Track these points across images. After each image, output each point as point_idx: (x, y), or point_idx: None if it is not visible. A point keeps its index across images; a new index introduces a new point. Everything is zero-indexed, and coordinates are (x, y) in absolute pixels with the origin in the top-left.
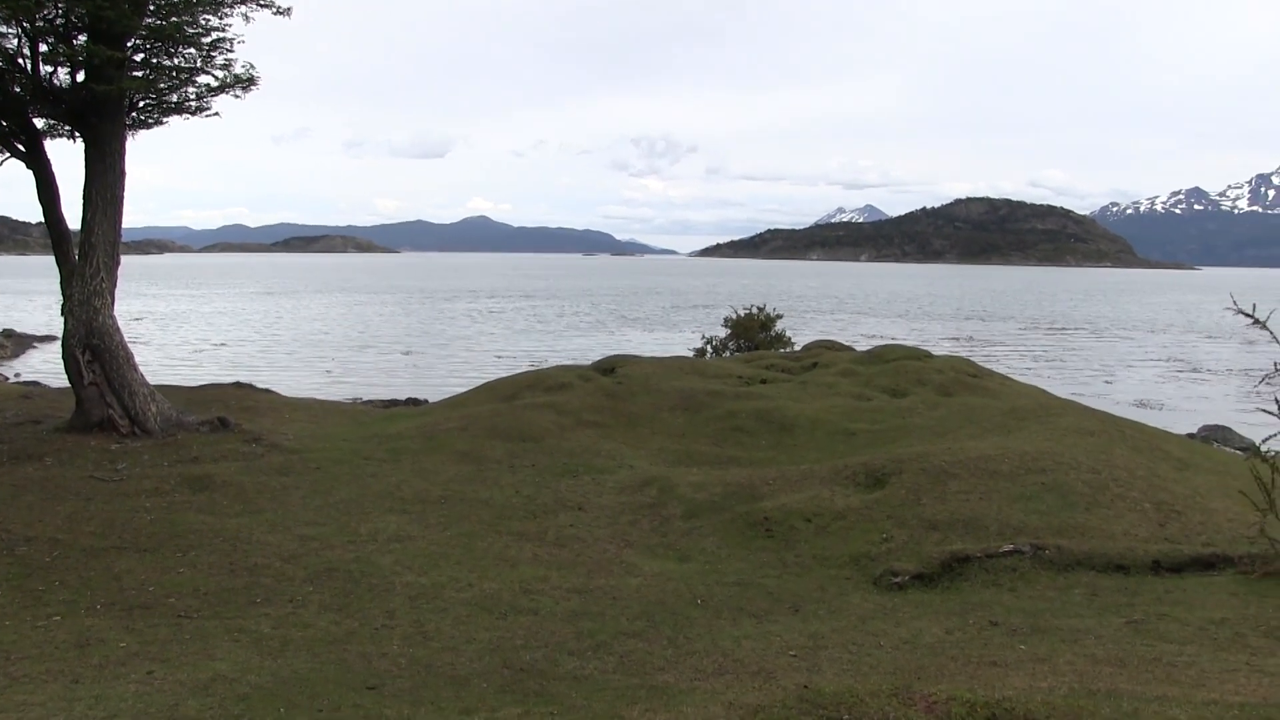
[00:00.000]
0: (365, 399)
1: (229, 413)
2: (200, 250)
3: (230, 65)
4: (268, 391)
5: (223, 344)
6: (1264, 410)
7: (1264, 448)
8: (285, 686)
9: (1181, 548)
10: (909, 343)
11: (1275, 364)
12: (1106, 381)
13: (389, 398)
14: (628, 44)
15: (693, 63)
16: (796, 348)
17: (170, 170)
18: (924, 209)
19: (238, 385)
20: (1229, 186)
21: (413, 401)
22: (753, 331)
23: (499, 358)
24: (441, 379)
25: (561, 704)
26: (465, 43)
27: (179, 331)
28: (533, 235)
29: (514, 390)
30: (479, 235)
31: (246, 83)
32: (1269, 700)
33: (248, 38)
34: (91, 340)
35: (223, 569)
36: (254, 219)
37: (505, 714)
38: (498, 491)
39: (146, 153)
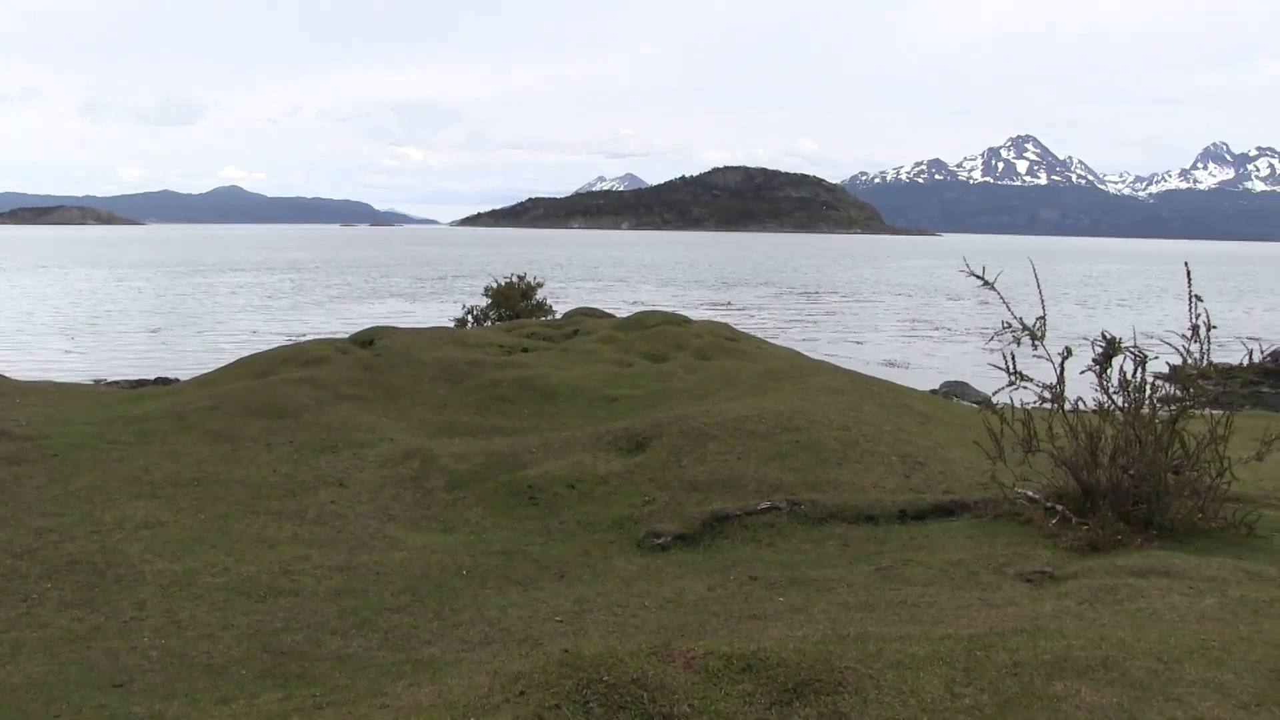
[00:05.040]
0: (109, 380)
1: None
2: None
3: None
4: None
5: None
6: (994, 366)
7: (995, 400)
8: (16, 694)
9: (925, 497)
10: (669, 309)
11: (1003, 323)
12: (857, 343)
13: (136, 378)
14: (386, 8)
15: (454, 30)
16: (557, 316)
17: None
18: (683, 177)
19: None
20: (965, 158)
21: (162, 381)
22: (513, 300)
23: (254, 333)
24: (193, 357)
25: (324, 685)
26: (212, 2)
27: None
28: (288, 206)
29: (268, 366)
30: (231, 206)
31: None
32: (994, 629)
33: None
34: None
35: None
36: None
37: (265, 700)
38: (254, 470)
39: None
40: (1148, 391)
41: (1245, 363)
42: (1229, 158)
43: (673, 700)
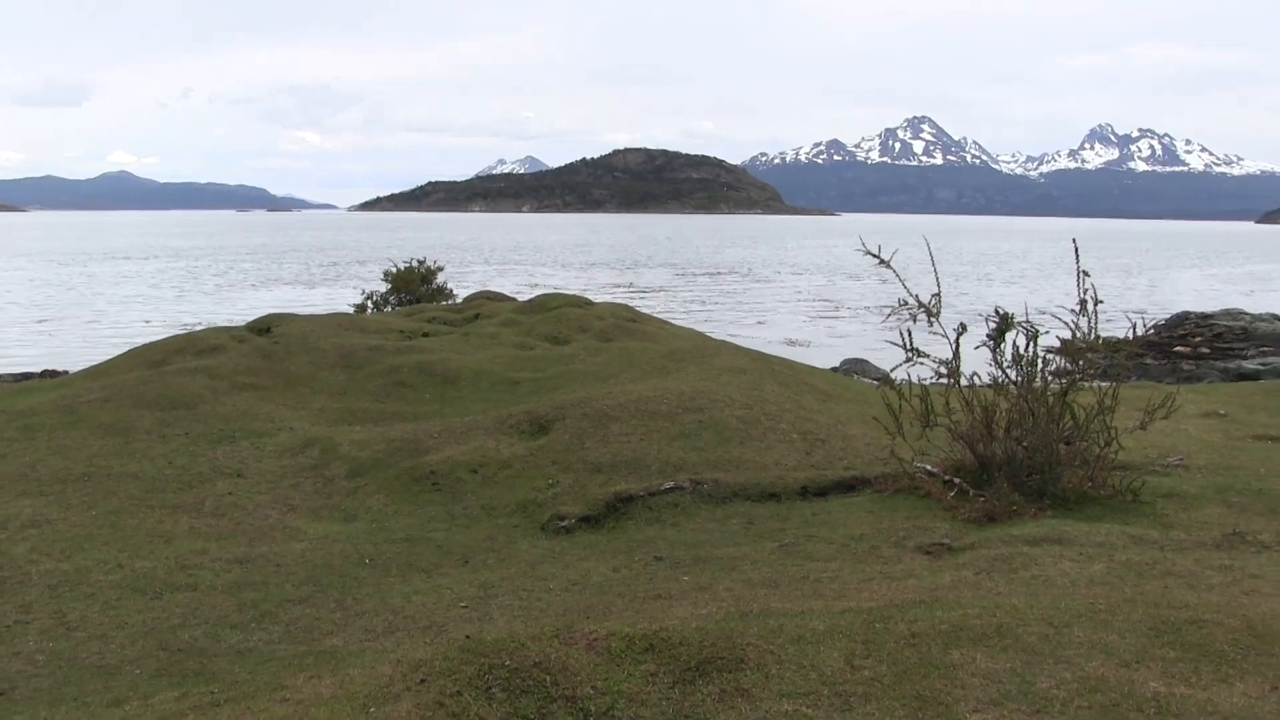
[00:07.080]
0: None
1: None
2: None
3: None
4: None
5: None
6: (892, 343)
7: (893, 376)
8: None
9: (826, 473)
10: (570, 291)
11: (899, 300)
12: (759, 322)
13: (21, 371)
14: None
15: (350, 10)
16: (458, 300)
17: None
18: (584, 159)
19: None
20: (863, 139)
21: (49, 374)
22: (414, 285)
23: (147, 323)
24: (82, 349)
25: (223, 681)
26: None
27: None
28: (182, 191)
29: (162, 355)
30: (121, 192)
31: None
32: (893, 602)
33: None
34: None
35: None
36: None
37: (160, 699)
38: (148, 464)
39: None
40: (1040, 365)
41: (1130, 335)
42: (1114, 138)
43: (575, 682)
